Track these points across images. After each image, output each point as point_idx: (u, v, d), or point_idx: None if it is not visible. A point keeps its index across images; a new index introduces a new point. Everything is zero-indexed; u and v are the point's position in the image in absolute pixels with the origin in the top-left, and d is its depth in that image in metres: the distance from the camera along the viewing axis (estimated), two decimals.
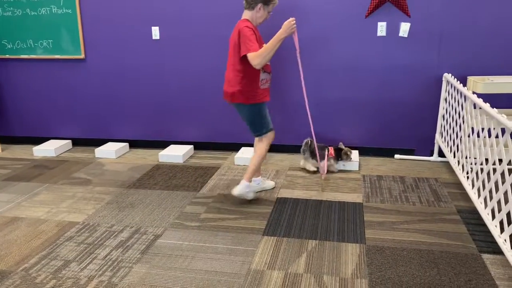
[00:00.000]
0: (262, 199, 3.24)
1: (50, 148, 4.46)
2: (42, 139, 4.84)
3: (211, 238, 2.69)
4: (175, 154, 4.14)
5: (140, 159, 4.26)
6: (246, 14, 3.03)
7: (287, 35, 2.88)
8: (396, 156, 4.07)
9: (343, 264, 2.38)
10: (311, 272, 2.31)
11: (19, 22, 4.44)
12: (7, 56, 4.56)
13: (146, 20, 4.19)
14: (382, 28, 3.78)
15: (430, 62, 3.79)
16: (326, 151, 3.66)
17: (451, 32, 3.69)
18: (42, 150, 4.48)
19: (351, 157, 3.74)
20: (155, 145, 4.60)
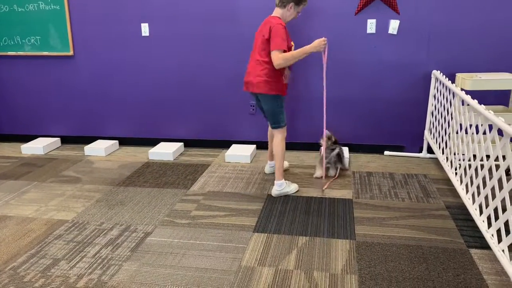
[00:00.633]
0: (252, 196, 3.24)
1: (39, 146, 4.42)
2: (30, 137, 4.79)
3: (201, 235, 2.68)
4: (165, 151, 4.13)
5: (130, 157, 4.24)
6: (277, 12, 3.19)
7: (315, 51, 3.10)
8: (386, 152, 4.10)
9: (333, 260, 2.39)
10: (301, 268, 2.32)
11: (6, 19, 4.38)
12: None
13: (135, 17, 4.16)
14: (371, 26, 3.80)
15: (419, 59, 3.82)
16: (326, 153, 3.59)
17: (439, 30, 3.72)
18: (30, 148, 4.43)
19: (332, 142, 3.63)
20: (145, 142, 4.58)
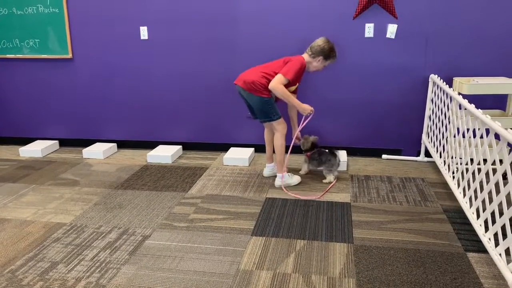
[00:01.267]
0: (251, 199, 3.25)
1: (37, 148, 4.42)
2: (28, 140, 4.79)
3: (199, 239, 2.69)
4: (164, 154, 4.13)
5: (128, 160, 4.24)
6: (306, 57, 3.35)
7: (300, 110, 3.34)
8: (384, 156, 4.12)
9: (331, 263, 2.40)
10: (300, 272, 2.32)
11: (5, 21, 4.38)
12: None
13: (134, 20, 4.17)
14: (369, 30, 3.82)
15: (417, 63, 3.83)
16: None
17: (437, 34, 3.74)
18: (28, 151, 4.43)
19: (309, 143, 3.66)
20: (144, 145, 4.59)
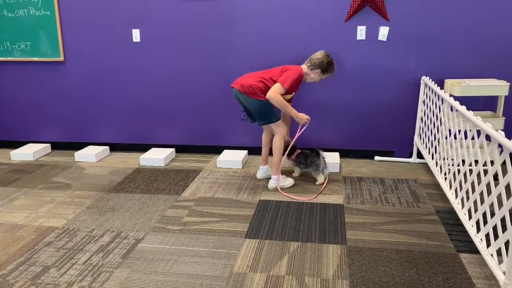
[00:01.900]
0: (244, 201, 3.25)
1: (29, 152, 4.38)
2: (20, 143, 4.75)
3: (193, 242, 2.68)
4: (157, 157, 4.12)
5: (120, 163, 4.22)
6: (305, 68, 3.39)
7: (296, 119, 3.36)
8: (376, 157, 4.13)
9: (325, 265, 2.40)
10: (293, 274, 2.32)
11: None
12: None
13: (126, 23, 4.16)
14: (361, 32, 3.84)
15: (409, 65, 3.86)
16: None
17: (428, 36, 3.77)
18: (20, 154, 4.39)
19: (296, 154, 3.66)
20: (136, 148, 4.57)
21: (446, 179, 3.02)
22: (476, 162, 3.57)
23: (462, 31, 3.72)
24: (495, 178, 3.46)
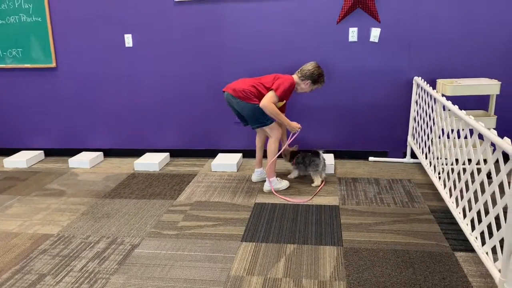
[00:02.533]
0: (240, 205, 3.25)
1: (22, 159, 4.36)
2: (13, 150, 4.72)
3: (189, 246, 2.67)
4: (151, 162, 4.11)
5: (115, 168, 4.21)
6: (296, 78, 3.41)
7: (288, 127, 3.39)
8: (370, 158, 4.15)
9: (322, 267, 2.41)
10: (290, 276, 2.32)
11: None
12: None
13: (118, 28, 4.15)
14: (353, 34, 3.86)
15: (401, 66, 3.88)
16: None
17: (420, 37, 3.79)
18: (13, 162, 4.37)
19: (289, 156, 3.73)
20: (130, 153, 4.55)
21: (440, 178, 3.04)
22: (470, 161, 3.61)
23: (453, 32, 3.75)
24: (489, 176, 3.49)
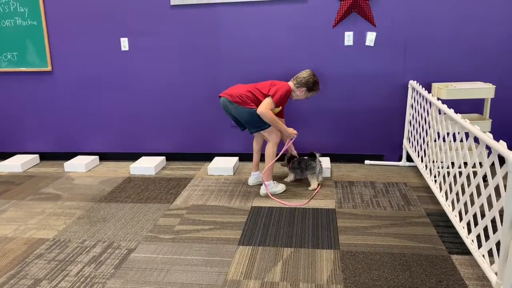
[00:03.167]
0: (236, 208, 3.24)
1: (17, 163, 4.33)
2: (8, 154, 4.70)
3: (186, 250, 2.67)
4: (147, 166, 4.10)
5: (111, 172, 4.19)
6: (291, 85, 3.43)
7: (285, 134, 3.42)
8: (366, 162, 4.16)
9: (319, 270, 2.41)
10: (287, 280, 2.32)
11: None
12: None
13: (114, 31, 4.15)
14: (349, 38, 3.88)
15: (396, 70, 3.90)
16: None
17: (415, 41, 3.82)
18: (8, 166, 4.34)
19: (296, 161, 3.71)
20: (126, 157, 4.54)
21: (436, 181, 3.05)
22: (465, 164, 3.62)
23: (448, 36, 3.77)
24: (484, 179, 3.51)
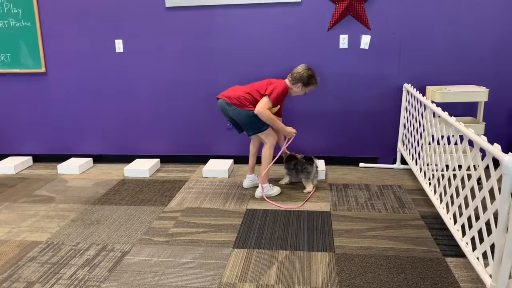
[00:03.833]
0: (231, 211, 3.24)
1: (9, 165, 4.30)
2: (0, 156, 4.65)
3: (180, 253, 2.65)
4: (141, 168, 4.08)
5: (105, 174, 4.17)
6: (288, 82, 3.40)
7: (284, 133, 3.42)
8: (361, 164, 4.17)
9: (314, 273, 2.40)
10: (282, 283, 2.32)
11: None
12: None
13: (109, 33, 4.14)
14: (344, 41, 3.89)
15: (390, 73, 3.92)
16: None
17: (409, 44, 3.84)
18: (0, 168, 4.30)
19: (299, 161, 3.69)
20: (120, 159, 4.52)
21: (430, 184, 3.06)
22: (460, 167, 3.64)
23: (442, 39, 3.80)
24: (479, 182, 3.53)
